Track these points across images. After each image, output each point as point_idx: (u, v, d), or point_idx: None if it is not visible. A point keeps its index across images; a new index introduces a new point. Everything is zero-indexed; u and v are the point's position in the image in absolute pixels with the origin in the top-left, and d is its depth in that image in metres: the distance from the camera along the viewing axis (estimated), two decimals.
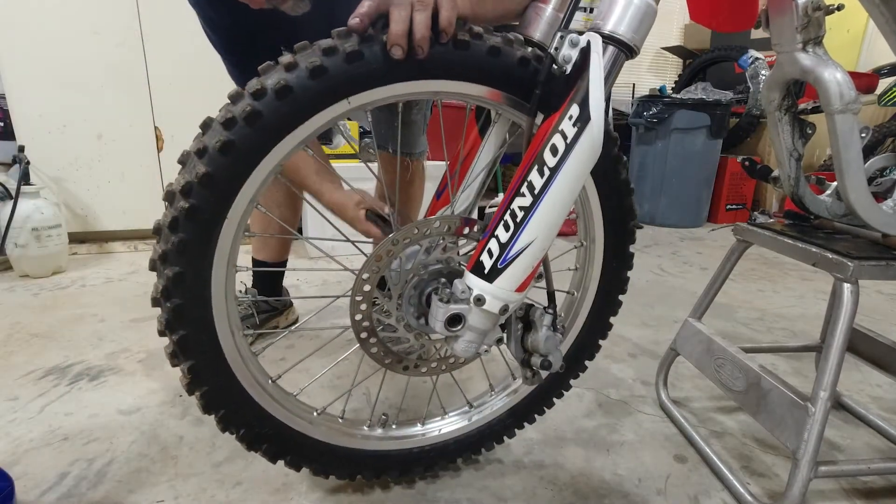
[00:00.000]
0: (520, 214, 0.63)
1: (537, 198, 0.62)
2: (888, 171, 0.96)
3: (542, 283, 0.75)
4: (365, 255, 0.70)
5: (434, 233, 0.71)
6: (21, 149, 1.99)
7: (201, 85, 2.13)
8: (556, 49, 0.65)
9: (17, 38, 1.98)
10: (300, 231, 2.39)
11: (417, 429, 0.88)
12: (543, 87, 0.66)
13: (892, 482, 0.91)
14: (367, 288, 0.70)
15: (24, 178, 1.88)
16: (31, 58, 2.00)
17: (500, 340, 0.72)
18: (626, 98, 3.96)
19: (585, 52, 0.62)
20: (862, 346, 1.06)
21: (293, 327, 1.48)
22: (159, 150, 2.23)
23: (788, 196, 0.90)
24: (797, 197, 0.89)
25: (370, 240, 0.81)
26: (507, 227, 0.63)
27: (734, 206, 3.29)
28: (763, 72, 3.06)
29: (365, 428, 0.84)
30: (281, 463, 0.77)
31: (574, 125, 0.60)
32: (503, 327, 0.72)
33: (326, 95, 0.60)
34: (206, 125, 0.59)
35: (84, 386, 1.16)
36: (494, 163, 0.81)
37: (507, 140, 0.80)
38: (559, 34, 0.64)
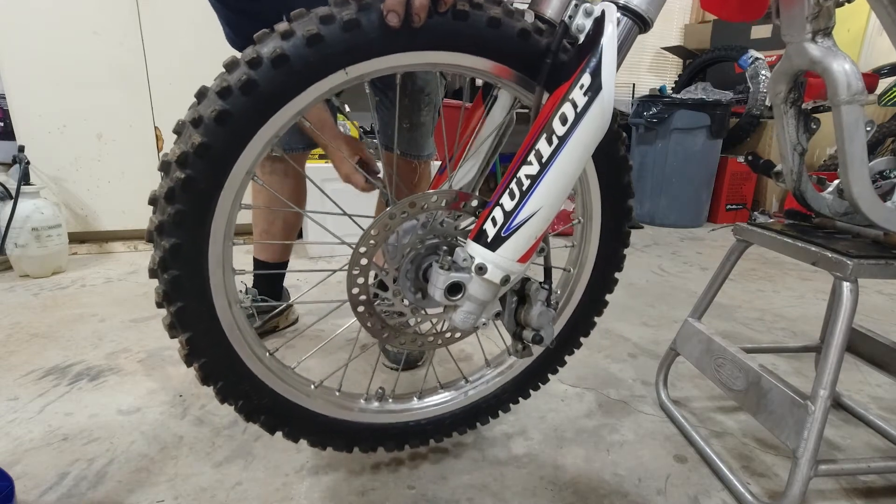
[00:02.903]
0: (526, 183, 0.62)
1: (544, 166, 0.61)
2: (887, 173, 0.96)
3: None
4: (362, 228, 0.70)
5: (430, 207, 0.70)
6: (21, 149, 1.99)
7: (201, 84, 2.13)
8: (570, 18, 0.64)
9: (17, 38, 1.98)
10: (301, 233, 2.39)
11: (414, 403, 0.88)
12: (553, 56, 0.65)
13: (891, 482, 0.91)
14: (363, 262, 0.70)
15: (24, 178, 1.88)
16: (31, 58, 2.00)
17: (498, 314, 0.71)
18: (626, 98, 3.96)
19: (599, 22, 0.61)
20: (862, 346, 1.06)
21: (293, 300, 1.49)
22: (159, 149, 2.23)
23: (790, 191, 0.90)
24: (799, 192, 0.89)
25: (365, 217, 0.81)
26: (512, 196, 0.62)
27: (734, 206, 3.29)
28: (763, 72, 3.06)
29: (362, 401, 0.85)
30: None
31: (585, 94, 0.60)
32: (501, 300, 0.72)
33: (323, 64, 0.59)
34: (202, 94, 0.59)
35: (84, 386, 1.16)
36: (497, 139, 0.81)
37: (512, 111, 0.80)
38: (574, 2, 0.64)
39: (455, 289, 0.65)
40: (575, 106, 0.60)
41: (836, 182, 0.88)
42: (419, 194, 0.69)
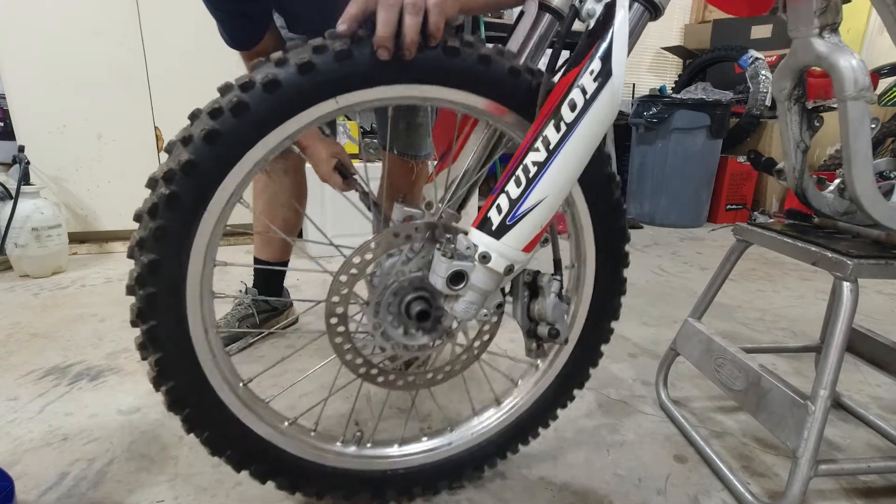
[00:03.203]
0: (532, 170, 0.61)
1: (552, 153, 0.60)
2: (887, 173, 0.96)
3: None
4: (345, 256, 0.68)
5: (415, 238, 0.68)
6: (21, 149, 1.99)
7: (201, 85, 2.13)
8: (581, 2, 0.63)
9: (17, 38, 1.98)
10: (301, 234, 2.39)
11: (394, 450, 0.83)
12: (561, 42, 0.65)
13: (891, 481, 0.91)
14: (344, 291, 0.68)
15: (24, 178, 1.88)
16: (31, 58, 2.00)
17: (500, 305, 0.69)
18: (626, 98, 3.96)
19: (610, 7, 0.60)
20: (862, 346, 1.05)
21: (267, 331, 1.44)
22: (159, 150, 2.23)
23: (791, 189, 0.90)
24: (800, 190, 0.89)
25: (342, 246, 0.79)
26: (518, 183, 0.61)
27: (734, 206, 3.29)
28: (763, 72, 3.06)
29: (338, 444, 0.80)
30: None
31: (595, 80, 0.59)
32: (504, 293, 0.70)
33: (314, 92, 0.60)
34: (195, 115, 0.59)
35: (84, 386, 1.16)
36: (481, 161, 0.80)
37: (496, 144, 0.79)
38: None
39: (457, 278, 0.63)
40: (584, 92, 0.59)
41: (837, 181, 0.88)
42: (404, 225, 0.68)
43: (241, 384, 0.71)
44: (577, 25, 0.66)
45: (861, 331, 1.05)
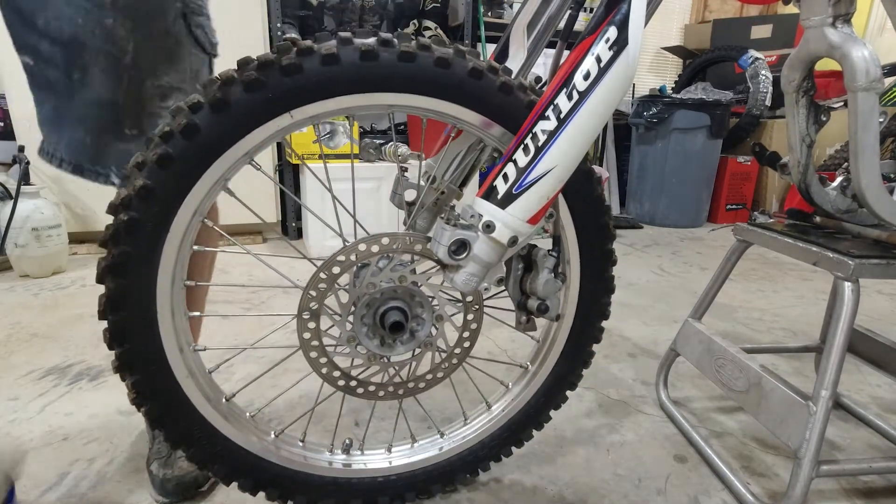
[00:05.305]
0: (542, 138, 0.59)
1: (563, 122, 0.59)
2: (887, 175, 0.96)
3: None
4: (316, 265, 0.67)
5: (389, 251, 0.67)
6: (21, 149, 1.99)
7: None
8: None
9: None
10: (302, 232, 2.38)
11: (384, 456, 0.83)
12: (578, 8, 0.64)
13: (892, 482, 0.91)
14: (313, 305, 0.67)
15: (24, 178, 1.88)
16: None
17: (501, 280, 0.68)
18: (626, 98, 3.96)
19: None
20: (862, 346, 1.06)
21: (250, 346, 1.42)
22: None
23: (795, 184, 0.89)
24: (804, 185, 0.88)
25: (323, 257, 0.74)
26: (526, 151, 0.60)
27: (734, 206, 3.30)
28: (763, 72, 3.06)
29: (327, 453, 0.80)
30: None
31: (610, 48, 0.58)
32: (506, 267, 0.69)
33: (265, 109, 0.59)
34: (150, 140, 0.59)
35: (84, 386, 1.16)
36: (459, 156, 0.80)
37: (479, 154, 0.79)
38: None
39: (459, 248, 0.62)
40: (599, 61, 0.58)
41: (840, 179, 0.88)
42: (377, 235, 0.66)
43: (223, 399, 0.71)
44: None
45: (861, 331, 1.05)
